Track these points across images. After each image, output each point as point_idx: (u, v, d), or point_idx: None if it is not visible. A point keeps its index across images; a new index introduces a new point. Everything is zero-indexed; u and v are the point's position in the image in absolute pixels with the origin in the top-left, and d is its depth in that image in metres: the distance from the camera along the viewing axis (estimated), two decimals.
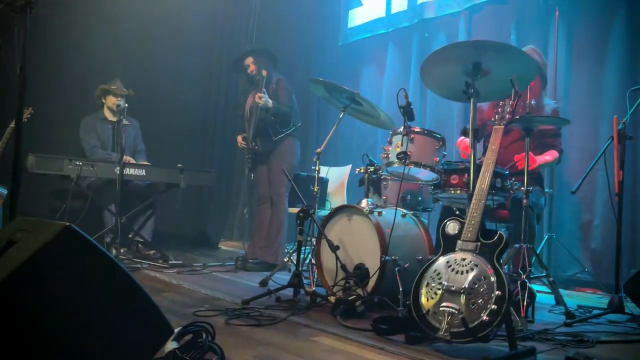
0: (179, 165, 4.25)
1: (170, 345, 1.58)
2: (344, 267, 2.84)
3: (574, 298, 3.50)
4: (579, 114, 4.08)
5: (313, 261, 3.21)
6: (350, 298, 2.67)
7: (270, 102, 4.04)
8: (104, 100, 4.64)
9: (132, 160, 4.46)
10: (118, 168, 3.93)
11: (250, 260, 4.16)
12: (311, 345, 2.11)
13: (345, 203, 4.69)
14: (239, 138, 4.43)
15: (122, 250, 4.06)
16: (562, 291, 3.06)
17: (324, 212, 4.41)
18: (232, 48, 6.11)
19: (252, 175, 4.41)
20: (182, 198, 4.30)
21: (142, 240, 4.46)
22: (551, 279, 2.99)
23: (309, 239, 3.41)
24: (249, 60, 4.30)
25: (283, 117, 4.20)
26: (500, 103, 2.40)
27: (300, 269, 2.96)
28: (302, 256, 3.05)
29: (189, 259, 4.44)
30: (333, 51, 6.26)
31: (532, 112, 3.04)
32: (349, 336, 2.23)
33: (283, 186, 4.22)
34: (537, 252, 3.41)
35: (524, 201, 2.80)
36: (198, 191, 5.51)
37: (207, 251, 5.24)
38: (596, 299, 3.55)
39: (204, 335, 1.60)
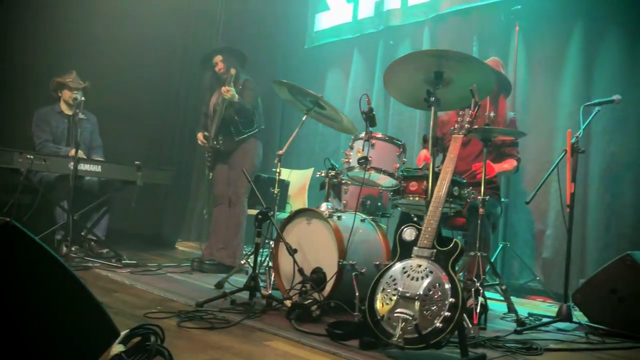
0: (136, 162, 4.15)
1: (117, 348, 1.53)
2: (301, 270, 2.82)
3: (525, 306, 3.58)
4: (535, 127, 4.20)
5: (270, 264, 3.18)
6: (306, 302, 2.64)
7: (236, 97, 3.99)
8: (60, 94, 4.49)
9: (83, 156, 4.31)
10: (72, 163, 3.80)
11: (207, 262, 4.09)
12: (264, 349, 2.08)
13: (306, 206, 4.68)
14: (200, 135, 4.36)
15: (73, 249, 3.92)
16: (514, 299, 3.13)
17: (284, 215, 4.38)
18: (196, 46, 6.03)
19: (211, 174, 4.35)
20: (138, 196, 4.19)
21: (95, 238, 4.33)
22: (504, 287, 3.05)
23: (267, 241, 3.38)
24: (218, 59, 4.25)
25: (246, 116, 4.15)
26: (460, 113, 2.44)
27: (257, 271, 2.92)
28: (259, 259, 3.01)
29: (144, 259, 4.33)
30: (299, 54, 6.25)
31: (491, 124, 3.10)
32: (303, 341, 2.21)
33: (242, 187, 4.17)
34: (492, 260, 3.48)
35: (480, 210, 2.85)
36: (155, 189, 5.39)
37: (163, 251, 5.12)
38: (546, 307, 3.64)
39: (153, 338, 1.55)
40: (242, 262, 3.68)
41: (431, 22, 5.02)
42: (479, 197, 2.87)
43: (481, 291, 2.70)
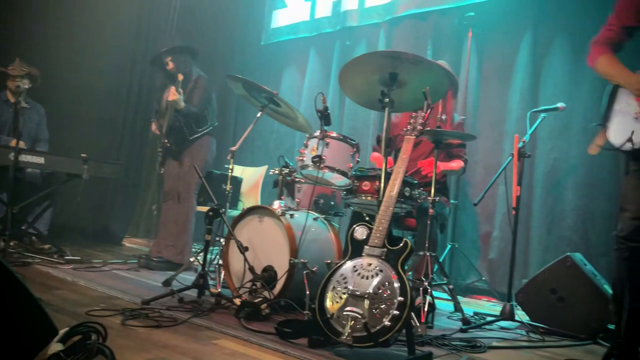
0: (82, 155, 4.00)
1: (55, 347, 1.46)
2: (252, 268, 2.79)
3: (471, 305, 3.68)
4: (484, 131, 4.32)
5: (220, 262, 3.13)
6: (256, 301, 2.62)
7: (181, 105, 3.92)
8: (6, 83, 4.30)
9: (25, 146, 4.12)
10: (13, 154, 3.62)
11: (155, 259, 3.99)
12: (212, 348, 2.04)
13: (259, 204, 4.65)
14: (153, 124, 4.25)
15: (11, 243, 3.73)
16: (460, 298, 3.21)
17: (236, 212, 4.33)
18: (150, 39, 5.86)
19: (162, 169, 4.24)
20: (84, 190, 4.04)
21: (36, 233, 4.14)
22: (451, 286, 3.12)
23: (217, 239, 3.33)
24: (169, 59, 4.15)
25: (195, 119, 4.08)
26: (413, 114, 2.47)
27: (206, 269, 2.87)
28: (209, 256, 2.96)
29: (89, 255, 4.18)
30: (255, 50, 6.19)
31: (442, 126, 3.17)
32: (252, 339, 2.19)
33: (193, 183, 4.10)
34: (440, 260, 3.55)
35: (430, 210, 2.90)
36: (103, 183, 5.22)
37: (109, 248, 4.96)
38: (491, 307, 3.75)
39: (94, 337, 1.49)
40: (192, 259, 3.61)
41: (387, 25, 5.07)
42: (429, 198, 2.92)
43: (429, 290, 2.75)
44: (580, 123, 3.90)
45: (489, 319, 3.08)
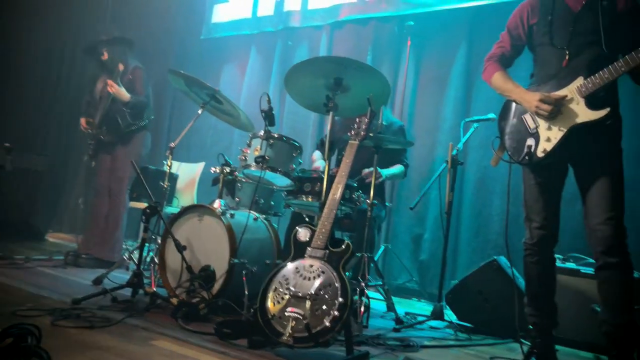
0: (5, 144, 3.76)
1: None
2: (189, 268, 2.75)
3: (402, 305, 3.80)
4: (419, 138, 4.48)
5: (156, 260, 3.06)
6: (193, 300, 2.58)
7: (127, 95, 3.79)
8: None
9: None
10: None
11: (83, 256, 3.83)
12: (149, 349, 2.00)
13: (195, 201, 4.58)
14: (83, 121, 4.07)
15: None
16: (392, 298, 3.31)
17: (172, 209, 4.24)
18: (83, 24, 5.60)
19: (93, 162, 4.07)
20: (7, 182, 3.81)
21: None
22: (386, 287, 3.22)
23: (153, 237, 3.25)
24: (104, 50, 3.99)
25: (140, 109, 3.96)
26: (357, 120, 2.53)
27: (142, 268, 2.80)
28: (144, 255, 2.88)
29: (10, 250, 3.94)
30: (194, 44, 6.08)
31: (382, 132, 3.26)
32: (191, 340, 2.16)
33: (126, 178, 3.98)
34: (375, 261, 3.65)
35: (369, 213, 2.98)
36: (27, 175, 4.93)
37: (32, 243, 4.69)
38: (421, 307, 3.90)
39: (29, 339, 1.42)
40: (125, 257, 3.50)
41: (329, 28, 5.14)
42: (368, 201, 3.00)
43: (365, 291, 2.83)
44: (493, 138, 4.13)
45: (420, 318, 3.20)
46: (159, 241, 3.08)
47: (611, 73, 2.06)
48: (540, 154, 2.22)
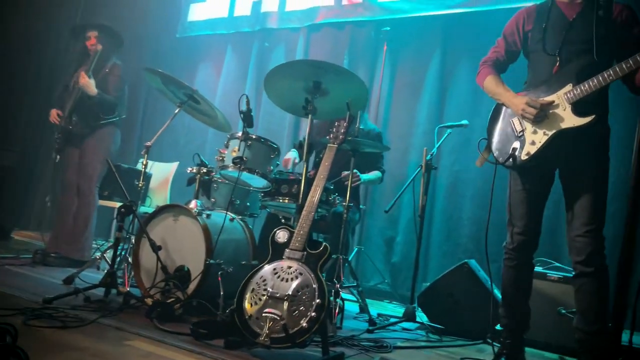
0: None
1: None
2: (164, 268, 2.73)
3: (374, 307, 3.85)
4: (393, 142, 4.55)
5: (130, 260, 3.02)
6: (168, 301, 2.57)
7: (94, 90, 3.73)
8: None
9: None
10: None
11: (52, 255, 3.75)
12: (125, 349, 1.98)
13: (168, 201, 4.54)
14: (53, 112, 3.97)
15: None
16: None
17: (145, 209, 4.20)
18: (55, 16, 5.48)
19: (58, 157, 3.95)
20: None
21: None
22: (360, 289, 3.26)
23: (127, 236, 3.21)
24: (93, 34, 3.92)
25: (108, 107, 3.90)
26: (336, 123, 2.56)
27: (115, 267, 2.77)
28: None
29: None
30: (170, 42, 6.03)
31: (359, 136, 3.31)
32: (166, 340, 2.15)
33: (95, 175, 3.91)
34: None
35: (344, 215, 3.02)
36: None
37: None
38: (393, 308, 3.96)
39: (8, 338, 1.40)
40: (97, 256, 3.44)
41: (306, 30, 5.17)
42: (344, 204, 3.04)
43: (340, 292, 2.86)
44: (479, 139, 4.23)
45: (392, 320, 3.25)
46: (133, 241, 3.05)
47: (599, 81, 2.08)
48: (524, 156, 2.25)
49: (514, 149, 2.29)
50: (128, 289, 2.80)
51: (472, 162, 4.18)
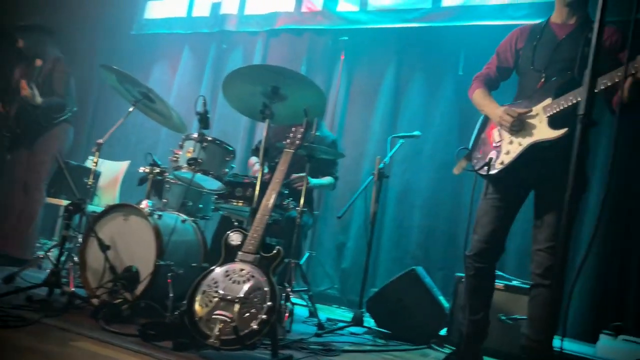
0: None
1: None
2: (112, 268, 2.68)
3: (323, 311, 3.89)
4: (347, 149, 4.61)
5: (76, 259, 2.95)
6: (115, 301, 2.53)
7: (38, 100, 3.62)
8: None
9: None
10: None
11: None
12: (71, 350, 1.94)
13: (117, 200, 4.45)
14: None
15: None
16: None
17: (93, 207, 4.10)
18: None
19: (9, 156, 3.83)
20: None
21: None
22: (310, 293, 3.30)
23: (74, 235, 3.13)
24: (19, 38, 3.79)
25: (57, 108, 3.79)
26: (293, 129, 2.60)
27: (61, 266, 2.69)
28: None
29: None
30: (124, 38, 5.90)
31: (316, 142, 3.35)
32: (113, 341, 2.12)
33: (45, 172, 3.80)
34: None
35: (298, 220, 3.05)
36: None
37: None
38: (341, 313, 4.02)
39: None
40: (41, 255, 3.33)
41: (265, 35, 5.20)
42: (298, 209, 3.07)
43: (291, 296, 2.89)
44: (429, 150, 4.37)
45: (340, 324, 3.31)
46: (80, 239, 2.97)
47: (575, 96, 2.12)
48: (498, 165, 2.31)
49: (490, 159, 2.34)
50: (73, 289, 2.73)
51: (422, 172, 4.36)
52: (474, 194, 2.34)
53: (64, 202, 4.06)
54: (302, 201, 3.07)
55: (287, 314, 2.77)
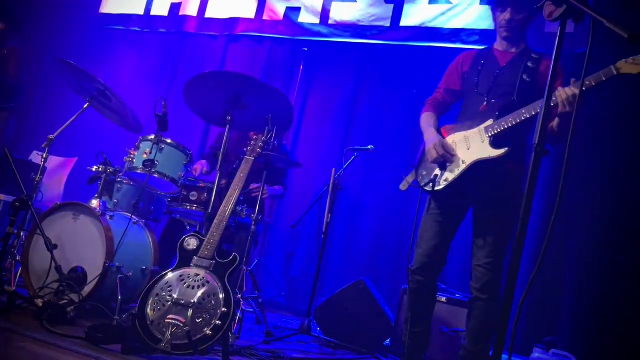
0: None
1: None
2: (59, 268, 2.60)
3: (271, 319, 3.90)
4: (302, 159, 4.66)
5: (18, 258, 2.84)
6: (61, 302, 2.46)
7: None
8: None
9: None
10: None
11: None
12: (15, 352, 1.88)
13: (61, 197, 4.31)
14: None
15: None
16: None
17: (36, 204, 3.94)
18: None
19: None
20: None
21: None
22: (260, 300, 3.31)
23: (16, 232, 3.01)
24: None
25: (8, 89, 3.64)
26: (254, 137, 2.62)
27: (2, 265, 2.59)
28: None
29: None
30: (79, 32, 5.70)
31: (273, 151, 3.38)
32: (59, 344, 2.06)
33: None
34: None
35: (253, 227, 3.07)
36: None
37: None
38: (289, 321, 4.04)
39: None
40: None
41: (225, 39, 5.18)
42: (252, 215, 3.09)
43: (241, 303, 2.90)
44: (381, 164, 4.48)
45: (288, 332, 3.33)
46: (24, 237, 2.86)
47: (515, 118, 2.23)
48: (442, 182, 2.39)
49: (436, 175, 2.43)
50: (14, 289, 2.63)
51: (375, 186, 4.46)
52: (419, 209, 2.43)
53: (3, 197, 3.88)
54: (257, 209, 3.08)
55: (236, 321, 2.77)
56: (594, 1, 3.69)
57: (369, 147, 3.87)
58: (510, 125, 2.27)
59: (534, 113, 2.21)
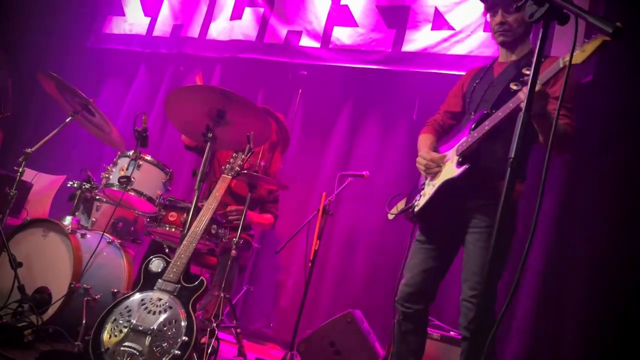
0: None
1: None
2: (21, 288, 2.45)
3: (255, 350, 3.70)
4: (296, 184, 4.51)
5: None
6: (19, 325, 2.30)
7: None
8: None
9: None
10: None
11: None
12: None
13: (47, 216, 4.18)
14: None
15: None
16: (246, 343, 3.21)
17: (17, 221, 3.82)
18: None
19: None
20: None
21: None
22: (239, 330, 3.12)
23: None
24: None
25: None
26: (234, 155, 2.48)
27: None
28: None
29: None
30: (78, 49, 5.70)
31: (259, 172, 3.24)
32: None
33: None
34: (234, 302, 3.54)
35: (233, 252, 2.90)
36: None
37: None
38: (274, 354, 3.83)
39: None
40: None
41: (224, 62, 5.12)
42: (234, 240, 2.92)
43: (216, 332, 2.71)
44: (379, 192, 4.31)
45: None
46: None
47: (479, 131, 2.05)
48: (417, 208, 2.23)
49: (415, 201, 2.28)
50: None
51: (370, 213, 4.28)
52: (411, 240, 2.26)
53: None
54: (239, 232, 2.92)
55: (208, 351, 2.58)
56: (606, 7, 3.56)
57: (364, 173, 3.72)
58: (475, 139, 2.06)
59: (496, 123, 2.00)
